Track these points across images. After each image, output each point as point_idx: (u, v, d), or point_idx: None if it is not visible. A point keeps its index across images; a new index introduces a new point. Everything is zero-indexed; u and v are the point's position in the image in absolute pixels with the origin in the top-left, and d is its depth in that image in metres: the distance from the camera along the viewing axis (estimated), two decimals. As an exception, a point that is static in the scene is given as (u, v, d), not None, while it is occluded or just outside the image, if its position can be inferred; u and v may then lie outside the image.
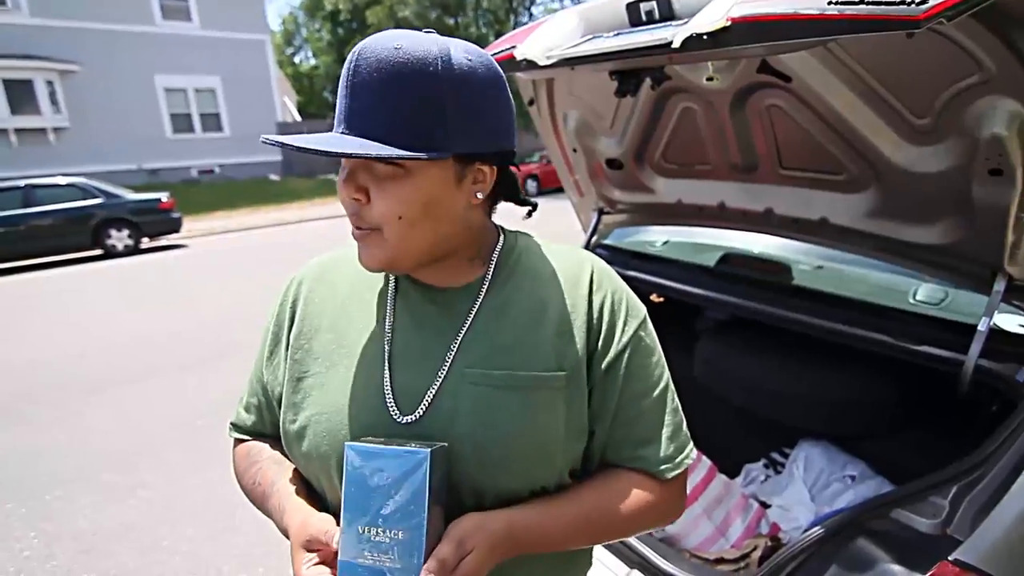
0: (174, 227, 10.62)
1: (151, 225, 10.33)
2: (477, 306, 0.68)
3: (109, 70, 16.21)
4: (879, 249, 1.62)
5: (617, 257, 2.30)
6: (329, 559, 0.59)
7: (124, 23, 16.44)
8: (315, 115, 31.02)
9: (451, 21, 26.34)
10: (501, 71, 0.64)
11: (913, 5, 0.80)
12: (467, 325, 0.67)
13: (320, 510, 0.65)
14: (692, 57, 1.17)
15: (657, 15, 1.28)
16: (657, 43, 1.13)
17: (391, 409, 0.65)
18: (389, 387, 0.66)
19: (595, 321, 0.69)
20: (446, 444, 0.60)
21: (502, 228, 0.75)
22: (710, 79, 1.36)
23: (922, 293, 1.66)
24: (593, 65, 1.36)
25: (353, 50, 0.59)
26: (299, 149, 0.56)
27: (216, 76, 18.21)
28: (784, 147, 1.63)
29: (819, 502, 1.66)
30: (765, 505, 1.75)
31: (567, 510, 0.66)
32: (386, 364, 0.67)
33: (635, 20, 1.33)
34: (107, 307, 6.64)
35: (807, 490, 1.70)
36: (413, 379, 0.66)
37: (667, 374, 0.73)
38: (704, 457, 1.70)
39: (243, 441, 0.81)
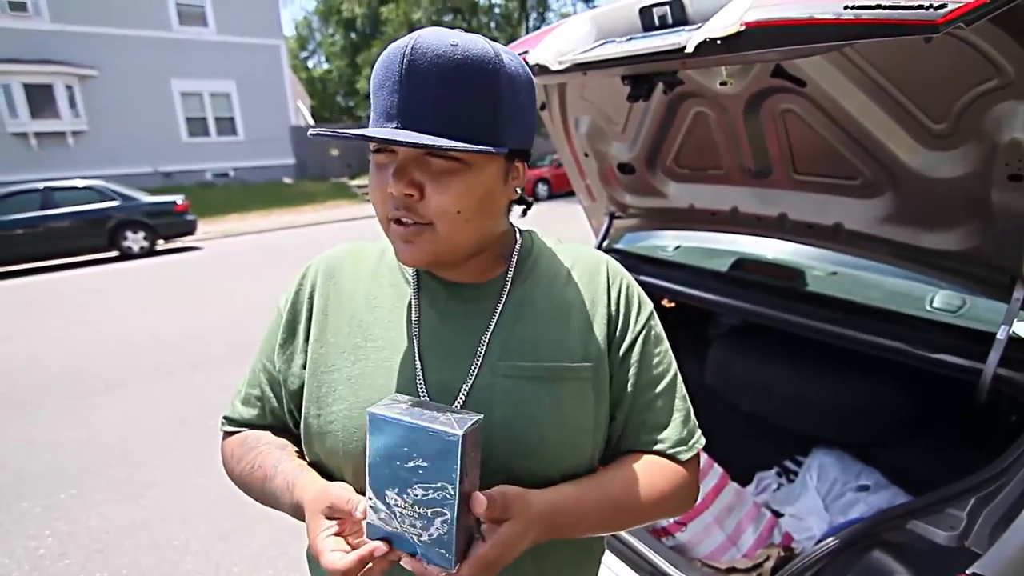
0: (189, 229, 10.74)
1: (166, 227, 10.45)
2: (502, 303, 0.70)
3: (127, 74, 16.43)
4: (895, 255, 1.60)
5: (628, 262, 2.28)
6: (347, 530, 0.59)
7: (142, 28, 16.66)
8: (328, 119, 31.26)
9: (464, 24, 26.47)
10: (532, 75, 0.67)
11: (931, 9, 0.79)
12: (495, 321, 0.69)
13: None
14: (706, 62, 1.16)
15: (670, 19, 1.28)
16: (670, 48, 1.12)
17: None
18: (423, 383, 0.66)
19: (613, 312, 0.72)
20: (481, 417, 0.57)
21: (516, 226, 0.77)
22: (723, 83, 1.35)
23: (939, 300, 1.63)
24: (606, 70, 1.36)
25: (399, 45, 0.58)
26: (382, 141, 0.56)
27: (231, 80, 18.40)
28: (798, 152, 1.62)
29: (833, 512, 1.64)
30: (777, 514, 1.73)
31: (599, 493, 0.67)
32: (417, 360, 0.67)
33: (648, 25, 1.33)
34: (122, 308, 6.72)
35: (821, 499, 1.67)
36: (445, 375, 0.67)
37: (675, 363, 0.77)
38: (716, 464, 1.68)
39: (232, 433, 0.78)
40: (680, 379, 0.76)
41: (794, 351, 1.93)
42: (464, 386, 0.66)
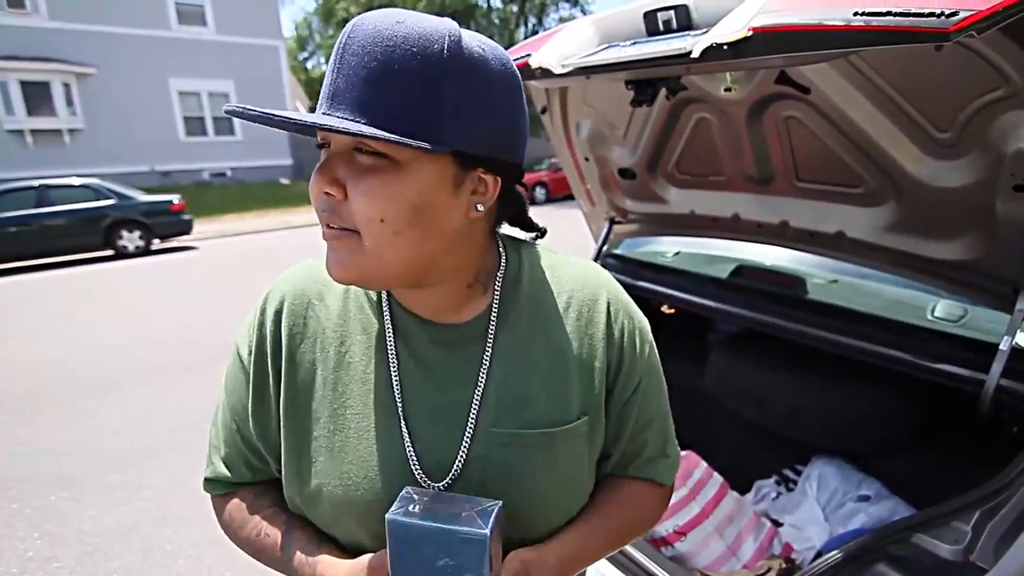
0: (185, 229, 10.69)
1: (162, 227, 10.40)
2: (490, 350, 0.62)
3: (124, 73, 16.40)
4: (897, 264, 1.59)
5: (628, 267, 2.27)
6: None
7: (140, 27, 16.64)
8: (326, 120, 31.18)
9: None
10: (519, 74, 0.57)
11: (943, 17, 0.78)
12: (484, 376, 0.61)
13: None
14: (711, 67, 1.15)
15: (675, 24, 1.26)
16: (676, 53, 1.11)
17: (420, 478, 0.60)
18: (413, 455, 0.60)
19: (614, 356, 0.66)
20: (500, 504, 0.54)
21: (503, 241, 0.67)
22: (728, 89, 1.34)
23: (940, 309, 1.62)
24: (609, 74, 1.35)
25: (349, 23, 0.51)
26: (263, 120, 0.48)
27: (230, 80, 18.38)
28: (801, 159, 1.61)
29: (833, 522, 1.62)
30: (777, 523, 1.71)
31: (601, 529, 0.66)
32: (403, 425, 0.60)
33: (652, 29, 1.31)
34: (117, 308, 6.67)
35: (820, 509, 1.66)
36: (436, 442, 0.61)
37: (666, 387, 0.73)
38: (715, 473, 1.67)
39: (224, 495, 0.71)
40: (667, 401, 0.73)
41: (794, 359, 1.92)
42: (458, 460, 0.60)
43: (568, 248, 0.76)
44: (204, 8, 17.84)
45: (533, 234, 0.70)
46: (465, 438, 0.60)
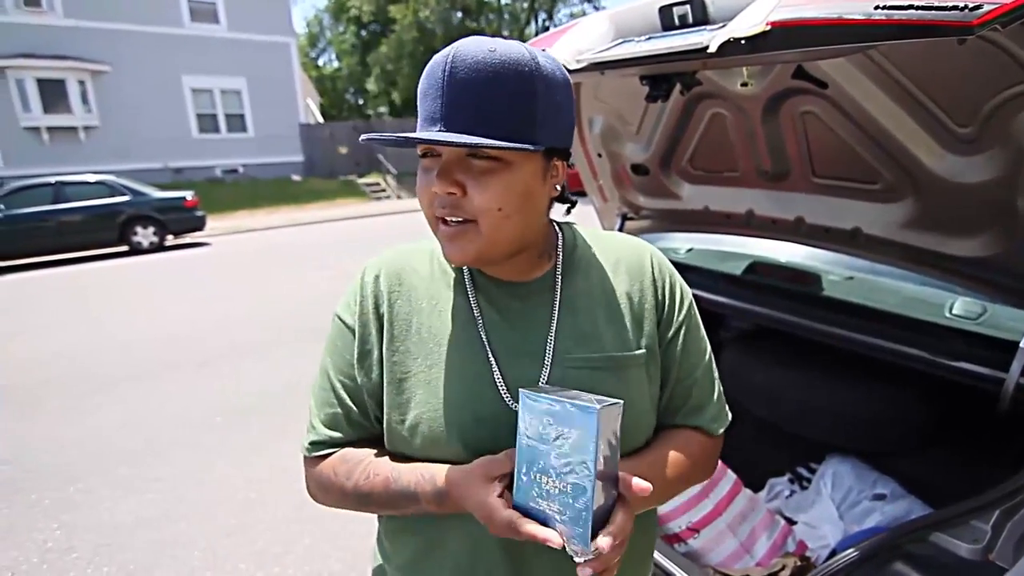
0: (198, 225, 10.80)
1: (176, 223, 10.52)
2: (558, 298, 0.74)
3: (138, 70, 16.53)
4: (914, 261, 1.57)
5: None
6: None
7: (154, 25, 16.76)
8: (336, 117, 31.30)
9: (473, 24, 26.47)
10: (569, 76, 0.69)
11: (966, 11, 0.76)
12: (555, 317, 0.73)
13: None
14: (728, 62, 1.14)
15: (691, 19, 1.25)
16: (692, 47, 1.10)
17: (507, 401, 0.70)
18: (500, 379, 0.70)
19: (660, 301, 0.77)
20: (621, 401, 0.60)
21: (555, 222, 0.80)
22: (744, 84, 1.33)
23: (958, 307, 1.60)
24: (624, 70, 1.34)
25: (442, 55, 0.63)
26: (424, 142, 0.61)
27: (242, 78, 18.47)
28: (817, 154, 1.59)
29: (848, 520, 1.61)
30: (791, 521, 1.70)
31: (659, 465, 0.73)
32: (491, 358, 0.71)
33: (667, 24, 1.30)
34: (131, 303, 6.76)
35: (835, 507, 1.65)
36: (521, 371, 0.71)
37: (709, 346, 0.83)
38: (729, 470, 1.66)
39: (322, 456, 0.76)
40: (713, 360, 0.82)
41: (808, 356, 1.91)
42: (541, 380, 0.70)
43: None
44: (216, 5, 17.92)
45: (567, 205, 0.80)
46: (545, 364, 0.71)
